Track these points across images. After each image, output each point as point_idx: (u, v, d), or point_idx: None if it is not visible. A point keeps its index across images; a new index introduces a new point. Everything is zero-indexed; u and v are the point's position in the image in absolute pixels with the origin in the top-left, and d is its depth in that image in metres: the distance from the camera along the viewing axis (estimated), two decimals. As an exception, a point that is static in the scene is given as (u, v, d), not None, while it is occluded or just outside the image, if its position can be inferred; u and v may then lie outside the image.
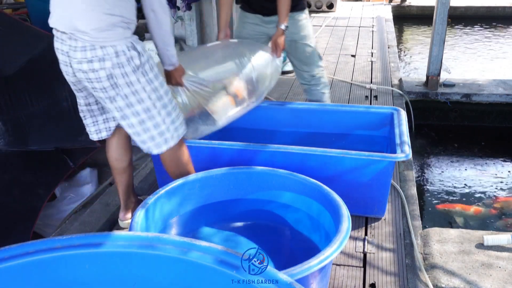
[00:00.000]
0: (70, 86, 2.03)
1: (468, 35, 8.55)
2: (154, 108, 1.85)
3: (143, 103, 1.83)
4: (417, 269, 2.00)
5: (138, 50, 1.78)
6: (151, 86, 1.83)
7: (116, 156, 2.16)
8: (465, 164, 3.92)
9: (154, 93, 1.84)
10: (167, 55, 1.99)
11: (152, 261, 1.20)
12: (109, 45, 1.72)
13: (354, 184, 2.22)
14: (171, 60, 2.01)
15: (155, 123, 1.88)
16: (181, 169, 2.05)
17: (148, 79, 1.82)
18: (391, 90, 4.36)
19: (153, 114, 1.86)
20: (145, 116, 1.85)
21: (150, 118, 1.86)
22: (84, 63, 1.74)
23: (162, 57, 2.00)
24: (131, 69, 1.76)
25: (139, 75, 1.79)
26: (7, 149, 2.64)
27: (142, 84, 1.80)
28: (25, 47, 2.71)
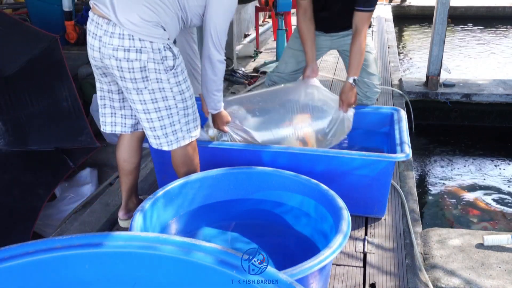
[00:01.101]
0: (70, 86, 2.04)
1: (468, 35, 8.55)
2: (175, 107, 1.92)
3: (167, 101, 1.89)
4: (417, 269, 2.00)
5: (174, 52, 1.85)
6: (179, 88, 1.91)
7: (125, 157, 2.18)
8: (465, 164, 3.92)
9: (180, 95, 1.92)
10: (213, 100, 2.13)
11: (152, 261, 1.20)
12: (147, 40, 1.77)
13: (354, 184, 2.22)
14: (216, 105, 2.16)
15: (172, 121, 1.94)
16: (190, 170, 2.08)
17: (177, 81, 1.89)
18: (391, 90, 4.36)
19: (172, 113, 1.93)
20: (165, 114, 1.91)
21: (169, 116, 1.93)
22: (121, 50, 1.76)
23: (207, 100, 2.14)
24: (163, 67, 1.83)
25: (170, 75, 1.85)
26: (7, 149, 2.64)
27: (171, 85, 1.87)
28: (25, 47, 2.70)
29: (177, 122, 1.95)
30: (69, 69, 2.69)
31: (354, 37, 2.48)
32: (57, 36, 2.73)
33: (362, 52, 2.50)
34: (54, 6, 4.23)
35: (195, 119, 2.03)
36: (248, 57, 5.52)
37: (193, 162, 2.09)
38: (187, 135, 2.00)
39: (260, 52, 5.76)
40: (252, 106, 2.46)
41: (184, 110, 1.95)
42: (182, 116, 1.96)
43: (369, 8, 2.46)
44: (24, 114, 2.66)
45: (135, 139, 2.16)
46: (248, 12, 6.45)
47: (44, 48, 2.70)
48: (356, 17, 2.47)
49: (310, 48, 2.62)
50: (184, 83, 1.93)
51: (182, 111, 1.95)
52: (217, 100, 2.12)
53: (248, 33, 6.50)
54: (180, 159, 2.06)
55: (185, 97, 1.94)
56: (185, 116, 1.97)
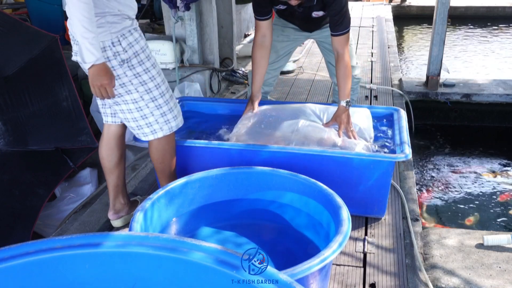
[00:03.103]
0: (70, 86, 2.06)
1: (468, 35, 8.54)
2: (141, 100, 1.94)
3: (131, 94, 1.93)
4: (417, 269, 2.00)
5: (122, 45, 1.85)
6: (139, 79, 1.91)
7: (103, 155, 2.21)
8: (465, 164, 3.92)
9: (142, 86, 1.92)
10: (80, 46, 1.73)
11: (152, 261, 1.20)
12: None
13: (354, 184, 2.22)
14: (84, 55, 1.73)
15: (143, 114, 1.97)
16: (166, 161, 2.13)
17: (135, 73, 1.89)
18: (391, 90, 4.36)
19: (140, 106, 1.95)
20: (133, 107, 1.96)
21: (138, 109, 1.96)
22: (78, 55, 1.83)
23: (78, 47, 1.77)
24: (117, 63, 1.85)
25: (125, 69, 1.87)
26: (7, 149, 2.64)
27: (129, 78, 1.89)
28: (25, 47, 2.70)
29: (149, 115, 1.97)
30: (69, 69, 2.69)
31: (338, 61, 2.43)
32: (57, 36, 2.73)
33: (349, 75, 2.45)
34: (54, 6, 4.24)
35: (171, 109, 2.02)
36: (248, 57, 5.51)
37: (169, 156, 2.12)
38: (164, 127, 2.02)
39: (260, 52, 5.75)
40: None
41: (153, 101, 1.95)
42: (154, 108, 1.96)
43: (344, 31, 2.40)
44: (24, 114, 2.66)
45: (112, 137, 2.18)
46: (248, 12, 6.45)
47: (44, 48, 2.69)
48: (334, 42, 2.43)
49: (260, 79, 2.57)
50: (145, 74, 1.91)
51: (152, 103, 1.95)
52: (85, 47, 1.71)
53: (248, 33, 6.50)
54: (157, 152, 2.09)
55: (149, 87, 1.93)
56: (158, 108, 1.97)
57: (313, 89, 4.40)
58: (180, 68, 3.93)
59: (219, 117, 2.77)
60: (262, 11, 2.45)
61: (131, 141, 2.93)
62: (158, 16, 5.64)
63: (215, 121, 2.72)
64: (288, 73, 4.86)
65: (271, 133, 2.37)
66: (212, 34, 4.17)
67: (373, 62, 5.26)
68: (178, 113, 2.09)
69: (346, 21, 2.40)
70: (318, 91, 4.35)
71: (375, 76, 4.76)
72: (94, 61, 1.73)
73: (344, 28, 2.40)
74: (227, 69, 4.61)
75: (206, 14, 4.09)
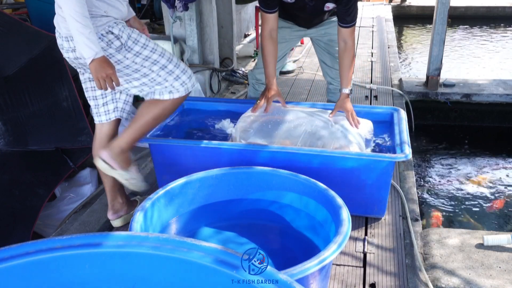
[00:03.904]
0: (70, 86, 2.06)
1: (468, 35, 8.54)
2: (152, 72, 1.99)
3: (139, 72, 1.97)
4: (417, 269, 2.00)
5: (114, 33, 1.86)
6: (141, 56, 1.94)
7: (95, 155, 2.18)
8: (465, 164, 3.92)
9: (147, 60, 1.96)
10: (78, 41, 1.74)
11: (152, 261, 1.20)
12: None
13: (354, 184, 2.22)
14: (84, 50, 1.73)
15: (157, 82, 2.02)
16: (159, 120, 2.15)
17: (135, 52, 1.93)
18: (391, 90, 4.36)
19: (153, 77, 2.00)
20: (146, 80, 2.00)
21: (151, 81, 2.01)
22: (70, 52, 1.89)
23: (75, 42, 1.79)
24: (114, 50, 1.87)
25: (124, 53, 1.90)
26: (7, 149, 2.64)
27: (131, 59, 1.93)
28: (25, 47, 2.70)
29: (164, 81, 2.02)
30: (69, 69, 2.69)
31: (345, 51, 2.47)
32: (57, 36, 2.73)
33: (352, 64, 2.51)
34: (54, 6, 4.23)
35: (184, 71, 2.07)
36: (248, 57, 5.52)
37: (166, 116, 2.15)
38: (181, 88, 2.06)
39: (260, 52, 5.76)
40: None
41: (163, 69, 2.00)
42: (166, 74, 2.01)
43: (353, 23, 2.44)
44: (24, 114, 2.66)
45: (105, 137, 2.16)
46: (248, 12, 6.45)
47: (44, 48, 2.70)
48: (343, 33, 2.45)
49: (273, 69, 2.54)
50: (145, 49, 1.95)
51: (163, 71, 2.00)
52: (82, 42, 1.71)
53: (248, 33, 6.50)
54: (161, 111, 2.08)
55: (154, 59, 1.97)
56: (170, 74, 2.02)
57: (313, 89, 4.40)
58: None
59: (219, 117, 2.77)
60: (270, 3, 2.41)
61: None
62: (158, 16, 5.64)
63: (215, 121, 2.71)
64: (288, 73, 4.86)
65: (278, 129, 2.36)
66: (212, 34, 4.17)
67: (373, 62, 5.26)
68: (190, 74, 2.12)
69: (355, 13, 2.44)
70: (318, 91, 4.35)
71: (375, 76, 4.76)
72: (94, 55, 1.73)
73: (353, 19, 2.44)
74: (227, 69, 4.61)
75: (206, 14, 4.09)
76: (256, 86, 2.89)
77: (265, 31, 2.49)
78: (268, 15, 2.45)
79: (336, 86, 2.84)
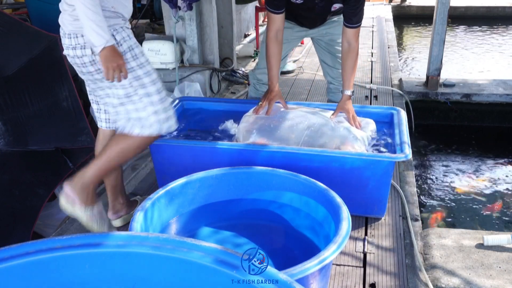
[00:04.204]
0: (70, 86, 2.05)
1: (468, 35, 8.54)
2: (135, 94, 1.88)
3: (124, 88, 1.87)
4: (417, 269, 2.00)
5: (116, 39, 1.81)
6: (133, 74, 1.86)
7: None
8: (465, 164, 3.92)
9: (137, 80, 1.86)
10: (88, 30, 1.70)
11: (152, 261, 1.20)
12: None
13: (354, 184, 2.22)
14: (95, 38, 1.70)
15: (136, 108, 1.90)
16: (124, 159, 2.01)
17: (129, 67, 1.84)
18: (391, 90, 4.36)
19: (134, 99, 1.89)
20: (126, 100, 1.89)
21: (131, 103, 1.89)
22: (70, 49, 1.84)
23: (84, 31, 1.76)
24: None
25: None
26: (7, 149, 2.64)
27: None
28: (25, 47, 2.70)
29: (142, 110, 1.89)
30: (69, 69, 2.69)
31: (348, 53, 2.45)
32: (57, 36, 2.72)
33: (355, 66, 2.49)
34: (54, 6, 4.21)
35: (165, 109, 1.94)
36: (248, 57, 5.52)
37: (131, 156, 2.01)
38: (155, 126, 1.91)
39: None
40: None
41: (147, 97, 1.88)
42: (148, 104, 1.88)
43: (359, 24, 2.43)
44: (24, 114, 2.66)
45: (108, 138, 2.11)
46: (248, 12, 6.45)
47: (44, 48, 2.70)
48: (348, 34, 2.43)
49: (276, 71, 2.53)
50: (140, 69, 1.86)
51: (146, 98, 1.88)
52: (92, 30, 1.69)
53: (248, 33, 6.50)
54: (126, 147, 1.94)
55: (144, 82, 1.87)
56: (151, 105, 1.89)
57: (313, 89, 4.40)
58: (180, 68, 3.93)
59: (219, 117, 2.77)
60: (278, 3, 2.38)
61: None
62: (158, 16, 5.64)
63: (215, 121, 2.71)
64: (288, 73, 4.86)
65: (280, 128, 2.35)
66: (212, 34, 4.17)
67: (373, 62, 5.26)
68: (171, 115, 1.99)
69: (362, 14, 2.42)
70: (318, 91, 4.35)
71: (375, 76, 4.76)
72: (105, 43, 1.70)
73: (360, 20, 2.42)
74: (227, 69, 4.61)
75: (206, 14, 4.09)
76: (257, 86, 2.89)
77: (271, 32, 2.46)
78: (275, 15, 2.42)
79: (336, 85, 2.84)
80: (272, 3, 2.39)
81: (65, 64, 2.69)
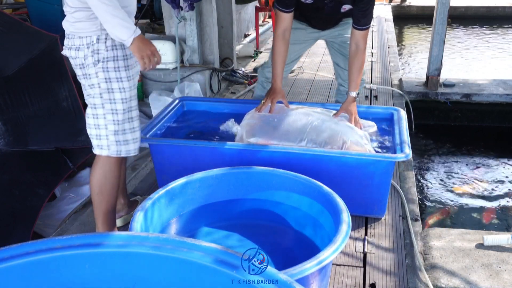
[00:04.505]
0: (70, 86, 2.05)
1: (468, 35, 8.54)
2: (101, 108, 1.81)
3: (93, 98, 1.82)
4: (417, 269, 2.00)
5: (106, 44, 1.76)
6: (107, 85, 1.78)
7: None
8: (465, 164, 3.92)
9: (108, 94, 1.78)
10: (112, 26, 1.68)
11: (152, 261, 1.20)
12: (85, 35, 1.76)
13: (354, 184, 2.22)
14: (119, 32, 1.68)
15: (96, 124, 1.83)
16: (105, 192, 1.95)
17: (107, 77, 1.77)
18: (391, 90, 4.36)
19: (97, 113, 1.82)
20: (90, 112, 1.85)
21: (94, 116, 1.84)
22: (67, 49, 1.84)
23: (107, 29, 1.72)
24: (92, 61, 1.76)
25: (98, 69, 1.77)
26: (7, 149, 2.64)
27: (98, 79, 1.78)
28: (25, 47, 2.70)
29: (103, 127, 1.80)
30: (69, 69, 2.69)
31: (356, 54, 2.46)
32: (57, 36, 2.73)
33: (362, 69, 2.50)
34: (54, 6, 4.23)
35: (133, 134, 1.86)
36: (248, 57, 5.52)
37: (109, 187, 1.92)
38: (112, 148, 1.83)
39: (260, 52, 5.76)
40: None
41: (112, 114, 1.79)
42: (110, 122, 1.79)
43: (368, 26, 2.44)
44: (24, 114, 2.66)
45: None
46: (248, 12, 6.45)
47: (44, 48, 2.69)
48: (356, 36, 2.44)
49: (280, 70, 2.51)
50: (117, 82, 1.77)
51: (111, 116, 1.79)
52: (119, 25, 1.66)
53: (248, 33, 6.50)
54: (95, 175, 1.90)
55: (115, 98, 1.78)
56: (114, 124, 1.80)
57: (313, 89, 4.40)
58: (180, 68, 3.93)
59: (219, 117, 2.77)
60: (288, 2, 2.38)
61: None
62: (158, 16, 5.64)
63: (215, 121, 2.71)
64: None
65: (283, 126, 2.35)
66: (212, 34, 4.17)
67: (373, 62, 5.26)
68: (135, 139, 1.91)
69: (371, 15, 2.43)
70: (318, 91, 4.35)
71: (375, 76, 4.76)
72: (133, 34, 1.68)
73: (368, 22, 2.42)
74: (227, 69, 4.61)
75: (206, 14, 4.09)
76: (264, 84, 2.87)
77: (278, 30, 2.44)
78: (284, 14, 2.40)
79: (346, 88, 2.82)
80: (281, 1, 2.38)
81: (65, 64, 2.69)
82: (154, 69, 1.81)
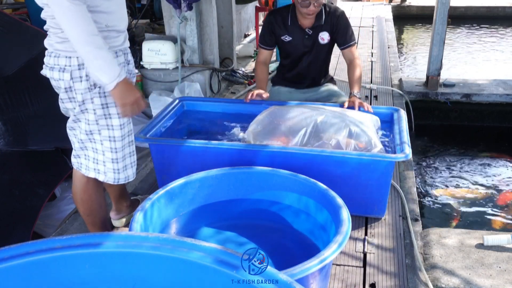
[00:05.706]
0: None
1: (468, 35, 8.55)
2: (98, 134, 1.70)
3: (88, 125, 1.69)
4: (417, 269, 2.00)
5: None
6: (104, 111, 1.67)
7: None
8: (465, 164, 3.92)
9: (105, 119, 1.68)
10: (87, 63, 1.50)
11: (152, 261, 1.20)
12: (75, 55, 1.58)
13: (354, 184, 2.22)
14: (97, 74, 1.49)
15: (95, 148, 1.74)
16: (94, 212, 1.93)
17: (103, 102, 1.66)
18: (391, 90, 4.36)
19: (95, 138, 1.72)
20: (85, 138, 1.74)
21: (90, 141, 1.74)
22: (48, 69, 1.66)
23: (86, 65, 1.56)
24: (87, 85, 1.61)
25: (94, 95, 1.65)
26: (7, 149, 2.64)
27: (94, 106, 1.66)
28: (25, 47, 2.70)
29: (100, 152, 1.72)
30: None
31: (352, 66, 2.72)
32: (57, 36, 2.72)
33: (360, 74, 2.71)
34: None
35: (131, 159, 1.80)
36: (248, 57, 5.52)
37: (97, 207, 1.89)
38: (109, 174, 1.77)
39: (260, 52, 5.76)
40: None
41: (110, 141, 1.71)
42: (108, 149, 1.71)
43: (354, 41, 2.76)
44: (24, 114, 2.66)
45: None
46: (248, 12, 6.45)
47: (44, 48, 2.69)
48: (346, 54, 2.76)
49: (263, 87, 2.80)
50: (114, 107, 1.64)
51: (108, 142, 1.70)
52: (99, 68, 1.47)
53: (248, 33, 6.50)
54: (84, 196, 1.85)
55: (112, 124, 1.68)
56: (112, 151, 1.72)
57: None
58: (181, 68, 3.93)
59: (219, 117, 2.77)
60: (268, 42, 2.81)
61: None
62: (158, 16, 5.64)
63: (215, 121, 2.72)
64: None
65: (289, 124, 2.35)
66: (212, 34, 4.17)
67: (373, 62, 5.26)
68: (132, 163, 1.84)
69: (351, 32, 2.77)
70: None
71: (375, 76, 4.76)
72: (117, 78, 1.50)
73: (351, 38, 2.76)
74: (227, 69, 4.61)
75: (206, 14, 4.09)
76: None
77: (259, 59, 2.86)
78: (263, 50, 2.85)
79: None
80: (263, 39, 2.83)
81: (65, 64, 2.68)
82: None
